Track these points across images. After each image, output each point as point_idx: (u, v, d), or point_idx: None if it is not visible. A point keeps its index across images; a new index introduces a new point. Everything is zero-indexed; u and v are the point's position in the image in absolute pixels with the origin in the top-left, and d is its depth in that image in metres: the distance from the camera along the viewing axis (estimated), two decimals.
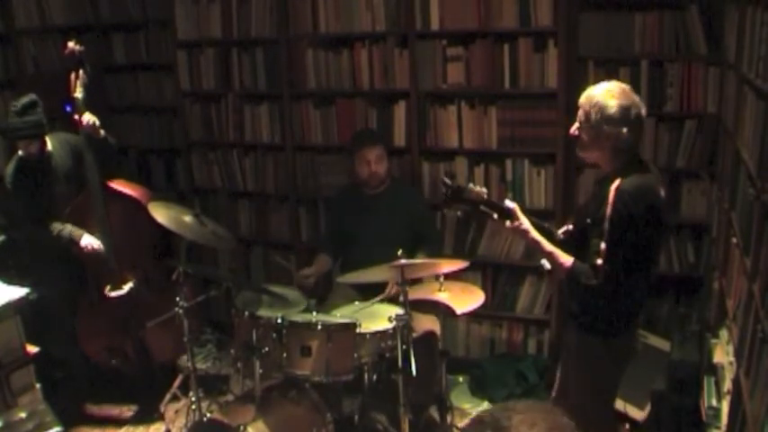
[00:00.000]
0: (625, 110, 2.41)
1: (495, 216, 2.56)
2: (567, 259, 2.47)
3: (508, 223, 2.54)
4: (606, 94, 2.44)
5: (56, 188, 3.62)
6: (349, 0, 3.93)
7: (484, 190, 2.59)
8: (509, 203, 2.57)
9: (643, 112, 2.46)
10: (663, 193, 2.50)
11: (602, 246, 2.37)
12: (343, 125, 4.15)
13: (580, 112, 2.50)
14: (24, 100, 3.41)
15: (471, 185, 2.59)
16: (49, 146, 3.60)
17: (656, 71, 3.54)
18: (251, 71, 4.30)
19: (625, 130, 2.41)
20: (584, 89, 2.56)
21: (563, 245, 2.59)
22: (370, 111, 4.07)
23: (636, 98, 2.46)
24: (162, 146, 4.84)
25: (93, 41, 4.47)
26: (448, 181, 2.63)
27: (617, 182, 2.41)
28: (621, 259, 2.38)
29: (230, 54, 4.33)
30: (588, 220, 2.50)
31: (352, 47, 4.01)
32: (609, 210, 2.37)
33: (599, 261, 2.38)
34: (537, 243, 2.54)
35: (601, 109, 2.42)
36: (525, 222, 2.56)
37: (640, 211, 2.37)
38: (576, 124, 2.52)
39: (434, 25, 3.79)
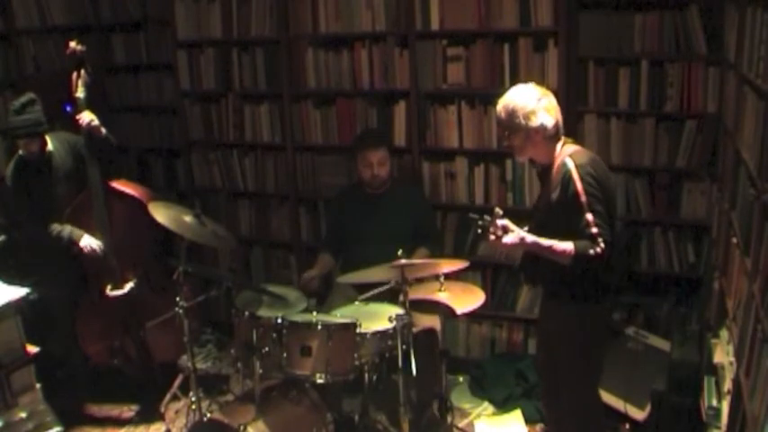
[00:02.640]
0: (538, 100, 2.64)
1: (500, 233, 2.59)
2: (566, 244, 2.54)
3: (507, 238, 2.57)
4: (516, 95, 2.66)
5: (56, 188, 3.62)
6: (349, 0, 3.93)
7: (499, 212, 2.62)
8: (500, 222, 2.59)
9: (553, 98, 2.68)
10: None
11: (589, 217, 2.52)
12: (343, 125, 4.15)
13: (502, 123, 2.69)
14: (23, 98, 3.41)
15: (496, 214, 2.60)
16: (50, 146, 3.60)
17: (656, 71, 3.54)
18: (251, 71, 4.30)
19: (546, 117, 2.62)
20: (584, 89, 2.61)
21: None
22: (370, 111, 4.07)
23: (542, 89, 2.69)
24: (162, 146, 4.84)
25: (93, 41, 4.47)
26: (480, 222, 2.63)
27: (567, 162, 2.59)
28: (606, 221, 2.53)
29: (230, 54, 4.33)
30: (549, 209, 2.65)
31: (352, 47, 4.01)
32: (577, 185, 2.54)
33: (593, 230, 2.51)
34: (536, 243, 2.59)
35: (519, 109, 2.62)
36: (520, 231, 2.61)
37: (600, 175, 2.60)
38: (505, 135, 2.70)
39: (434, 25, 3.79)
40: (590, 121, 3.69)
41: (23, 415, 2.80)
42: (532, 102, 2.63)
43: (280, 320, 2.99)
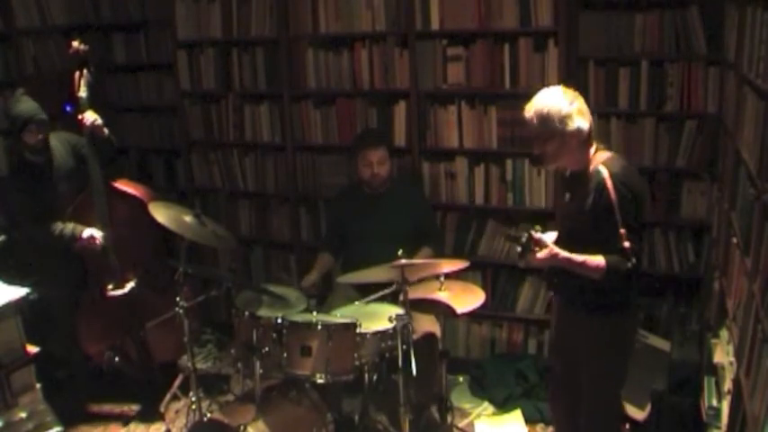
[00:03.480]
0: (571, 104, 2.53)
1: (537, 249, 2.51)
2: (598, 259, 2.46)
3: (540, 254, 2.49)
4: (548, 99, 2.54)
5: (57, 188, 3.62)
6: (349, 0, 3.93)
7: (538, 230, 2.55)
8: (536, 235, 2.51)
9: (583, 100, 2.58)
10: None
11: (622, 231, 2.43)
12: (343, 125, 4.15)
13: (535, 130, 2.57)
14: (17, 91, 3.42)
15: (533, 233, 2.51)
16: (51, 145, 3.59)
17: (656, 71, 3.54)
18: (251, 71, 4.30)
19: (582, 120, 2.52)
20: (584, 89, 2.59)
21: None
22: (370, 111, 4.07)
23: (572, 91, 2.58)
24: (162, 146, 4.84)
25: (93, 41, 4.47)
26: (522, 239, 2.52)
27: (601, 171, 2.50)
28: (638, 234, 2.49)
29: (230, 54, 4.33)
30: (581, 217, 2.56)
31: (352, 47, 4.01)
32: (611, 197, 2.45)
33: (626, 245, 2.43)
34: (568, 260, 2.50)
35: (554, 114, 2.51)
36: (553, 247, 2.52)
37: (637, 187, 2.52)
38: (537, 142, 2.60)
39: (434, 25, 3.79)
40: None
41: (23, 415, 2.80)
42: (566, 105, 2.52)
43: (280, 320, 2.99)
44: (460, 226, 4.03)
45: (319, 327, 2.95)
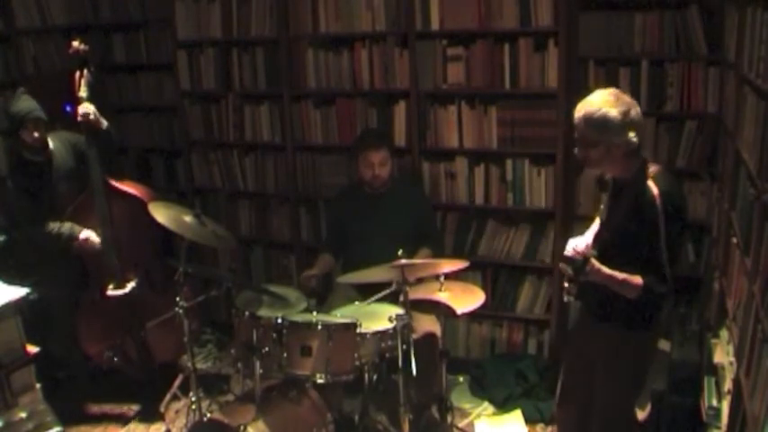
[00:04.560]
0: (626, 114, 2.38)
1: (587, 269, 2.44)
2: (637, 279, 2.41)
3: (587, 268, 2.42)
4: (603, 106, 2.39)
5: (57, 188, 3.62)
6: (349, 0, 3.93)
7: (593, 254, 2.46)
8: (593, 261, 2.43)
9: (639, 109, 2.44)
10: None
11: (663, 254, 2.39)
12: (343, 125, 4.15)
13: (580, 135, 2.44)
14: (17, 91, 3.42)
15: (591, 258, 2.43)
16: (51, 145, 3.60)
17: (656, 71, 3.54)
18: (251, 71, 4.30)
19: (632, 134, 2.38)
20: (584, 89, 2.54)
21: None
22: (370, 111, 4.07)
23: (629, 99, 2.43)
24: (162, 146, 4.84)
25: (93, 41, 4.47)
26: (578, 262, 2.42)
27: (651, 188, 2.39)
28: (678, 255, 2.46)
29: (230, 54, 4.33)
30: (621, 230, 2.48)
31: (352, 47, 4.01)
32: (659, 218, 2.36)
33: (665, 270, 2.41)
34: (611, 277, 2.42)
35: (604, 123, 2.37)
36: (596, 263, 2.44)
37: (684, 206, 2.46)
38: (581, 145, 2.46)
39: (434, 25, 3.79)
40: None
41: (23, 415, 2.80)
42: (619, 115, 2.37)
43: (280, 320, 2.99)
44: (460, 226, 4.03)
45: (319, 327, 2.95)
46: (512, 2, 3.63)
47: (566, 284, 2.49)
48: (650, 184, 2.40)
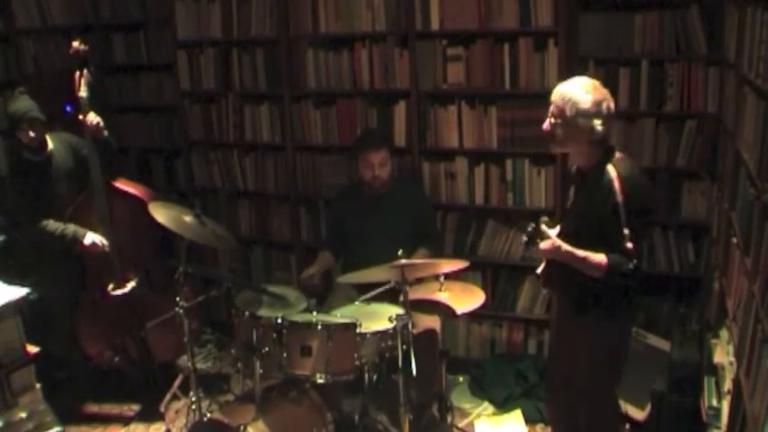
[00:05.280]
0: (598, 104, 2.51)
1: (539, 240, 2.53)
2: (600, 257, 2.48)
3: (543, 244, 2.51)
4: (579, 88, 2.54)
5: (57, 188, 3.62)
6: (349, 0, 3.93)
7: (545, 221, 2.57)
8: (542, 226, 2.53)
9: (612, 105, 2.56)
10: None
11: (626, 232, 2.45)
12: (343, 125, 4.15)
13: (553, 108, 2.58)
14: (16, 91, 3.42)
15: (543, 227, 2.53)
16: (50, 146, 3.60)
17: (656, 71, 3.54)
18: (251, 71, 4.30)
19: (598, 122, 2.50)
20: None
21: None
22: (370, 111, 4.07)
23: (606, 91, 2.56)
24: (162, 146, 4.84)
25: (93, 41, 4.47)
26: (528, 228, 2.55)
27: (610, 171, 2.50)
28: (642, 236, 2.52)
29: (230, 54, 4.33)
30: (585, 216, 2.58)
31: (352, 47, 4.01)
32: (620, 198, 2.45)
33: (629, 245, 2.45)
34: (570, 253, 2.51)
35: (575, 104, 2.51)
36: (557, 240, 2.54)
37: (645, 191, 2.55)
38: (550, 120, 2.60)
39: (434, 25, 3.79)
40: None
41: (23, 415, 2.80)
42: (590, 103, 2.51)
43: (280, 320, 2.99)
44: (460, 226, 4.03)
45: (319, 327, 2.95)
46: (512, 2, 3.63)
47: (538, 271, 2.65)
48: (610, 168, 2.52)
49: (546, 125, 2.62)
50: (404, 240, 3.20)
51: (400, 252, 2.92)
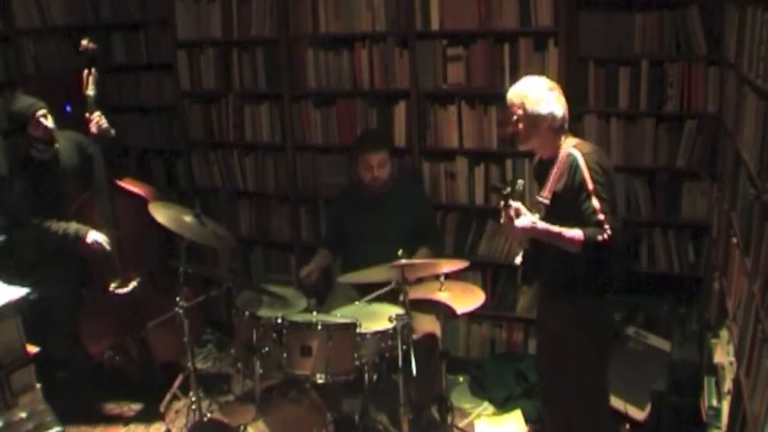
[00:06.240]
0: (549, 90, 2.70)
1: (512, 212, 2.61)
2: (575, 231, 2.54)
3: (519, 222, 2.59)
4: (529, 83, 2.73)
5: (63, 186, 3.62)
6: (349, 0, 3.93)
7: (520, 182, 2.68)
8: (514, 204, 2.62)
9: (563, 97, 2.73)
10: None
11: (596, 204, 2.54)
12: (343, 125, 4.15)
13: (512, 108, 2.73)
14: (19, 89, 3.43)
15: (518, 186, 2.65)
16: (56, 143, 3.60)
17: (656, 71, 3.54)
18: (251, 71, 4.30)
19: (556, 106, 2.67)
20: (584, 89, 2.60)
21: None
22: (370, 111, 4.07)
23: (552, 82, 2.76)
24: (162, 146, 4.84)
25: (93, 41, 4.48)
26: (504, 190, 2.64)
27: (573, 152, 2.64)
28: (613, 209, 2.61)
29: (230, 54, 4.33)
30: (556, 201, 2.68)
31: (352, 47, 4.01)
32: (584, 173, 2.58)
33: (600, 217, 2.53)
34: (546, 230, 2.59)
35: (531, 96, 2.69)
36: (532, 217, 2.64)
37: (605, 164, 2.65)
38: (513, 120, 2.73)
39: (434, 25, 3.79)
40: (590, 122, 3.69)
41: (23, 415, 2.80)
42: (544, 90, 2.69)
43: (280, 320, 3.00)
44: (460, 226, 4.03)
45: (319, 327, 2.96)
46: (512, 2, 3.63)
47: (517, 261, 2.84)
48: (573, 150, 2.66)
49: (511, 127, 2.76)
50: (404, 240, 3.21)
51: (400, 252, 2.92)
